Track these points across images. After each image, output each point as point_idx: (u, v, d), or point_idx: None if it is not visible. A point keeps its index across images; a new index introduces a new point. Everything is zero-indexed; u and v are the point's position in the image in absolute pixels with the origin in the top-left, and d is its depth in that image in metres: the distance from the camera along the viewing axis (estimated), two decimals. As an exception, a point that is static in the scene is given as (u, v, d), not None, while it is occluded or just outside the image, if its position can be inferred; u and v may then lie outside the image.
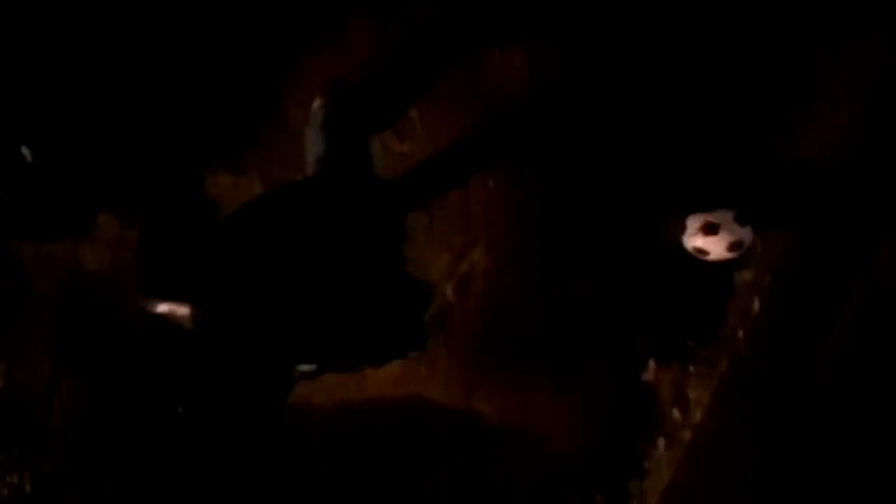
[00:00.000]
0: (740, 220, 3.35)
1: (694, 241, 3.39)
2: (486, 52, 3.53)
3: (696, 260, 3.43)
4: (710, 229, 3.35)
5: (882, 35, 3.44)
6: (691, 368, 3.53)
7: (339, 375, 3.35)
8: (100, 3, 3.56)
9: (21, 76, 3.52)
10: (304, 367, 2.73)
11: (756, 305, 3.44)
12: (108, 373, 3.63)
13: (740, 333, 3.46)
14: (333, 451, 3.62)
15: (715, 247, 3.36)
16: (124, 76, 3.56)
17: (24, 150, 3.46)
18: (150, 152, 3.57)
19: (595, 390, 3.57)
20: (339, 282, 2.69)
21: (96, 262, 3.63)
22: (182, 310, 2.37)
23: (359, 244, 2.80)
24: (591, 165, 3.54)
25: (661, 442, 3.53)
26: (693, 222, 3.39)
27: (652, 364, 3.56)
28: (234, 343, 2.51)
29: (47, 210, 3.57)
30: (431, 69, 3.53)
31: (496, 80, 3.54)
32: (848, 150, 3.46)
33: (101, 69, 3.56)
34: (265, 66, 3.57)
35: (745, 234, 3.36)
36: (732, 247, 3.35)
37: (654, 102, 3.50)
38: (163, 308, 2.38)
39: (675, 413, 3.53)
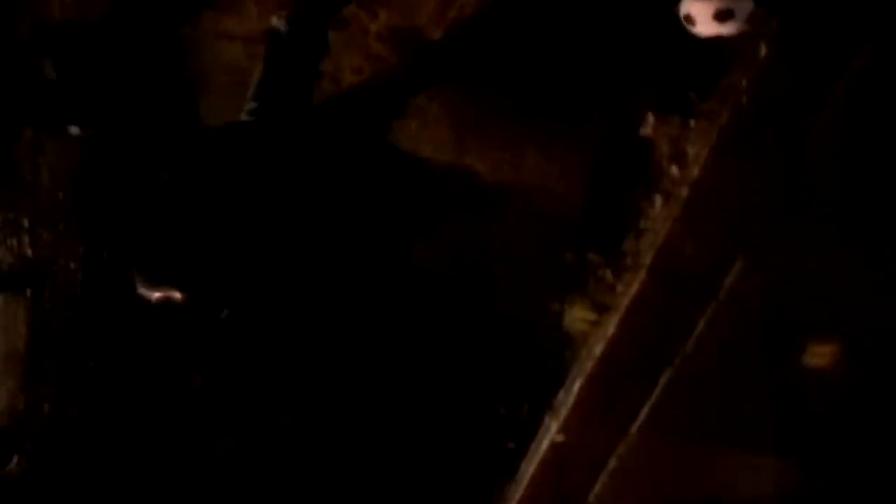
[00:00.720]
0: None
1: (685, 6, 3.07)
2: None
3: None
4: None
5: None
6: (692, 122, 3.36)
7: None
8: None
9: None
10: None
11: (763, 51, 3.20)
12: (89, 133, 3.55)
13: (744, 82, 3.25)
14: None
15: (702, 11, 3.02)
16: None
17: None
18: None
19: (590, 146, 3.45)
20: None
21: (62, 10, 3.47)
22: (176, 294, 2.64)
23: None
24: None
25: (658, 200, 3.41)
26: None
27: (651, 118, 3.40)
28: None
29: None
30: None
31: None
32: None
33: None
34: None
35: (741, 6, 3.03)
36: (720, 14, 3.02)
37: None
38: (158, 295, 2.66)
39: (674, 170, 3.39)
